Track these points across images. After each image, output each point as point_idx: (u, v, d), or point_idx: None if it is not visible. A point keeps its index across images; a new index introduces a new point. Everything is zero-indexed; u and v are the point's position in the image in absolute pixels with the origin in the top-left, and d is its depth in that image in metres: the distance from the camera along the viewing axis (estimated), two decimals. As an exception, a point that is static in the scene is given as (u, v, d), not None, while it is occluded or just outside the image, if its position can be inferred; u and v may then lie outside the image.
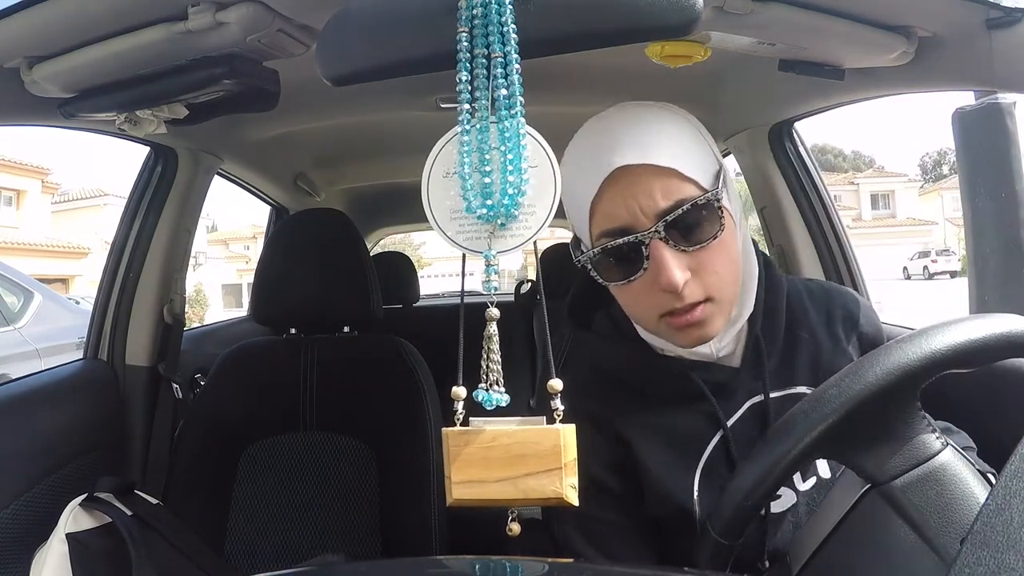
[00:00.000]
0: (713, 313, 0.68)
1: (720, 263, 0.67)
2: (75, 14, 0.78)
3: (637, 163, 0.65)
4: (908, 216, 30.99)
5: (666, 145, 0.66)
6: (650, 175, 0.65)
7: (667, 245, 0.65)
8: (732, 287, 0.69)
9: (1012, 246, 0.85)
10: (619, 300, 0.73)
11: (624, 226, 0.66)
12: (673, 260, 0.65)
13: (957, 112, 0.87)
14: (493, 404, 0.54)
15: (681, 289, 0.64)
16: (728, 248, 0.68)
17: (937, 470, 0.51)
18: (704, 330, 0.68)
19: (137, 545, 0.98)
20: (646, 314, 0.70)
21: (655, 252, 0.65)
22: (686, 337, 0.69)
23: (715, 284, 0.67)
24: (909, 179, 35.54)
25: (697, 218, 0.65)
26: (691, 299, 0.66)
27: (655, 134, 0.67)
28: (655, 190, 0.65)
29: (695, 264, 0.66)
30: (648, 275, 0.66)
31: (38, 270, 12.26)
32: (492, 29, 0.53)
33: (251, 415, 1.31)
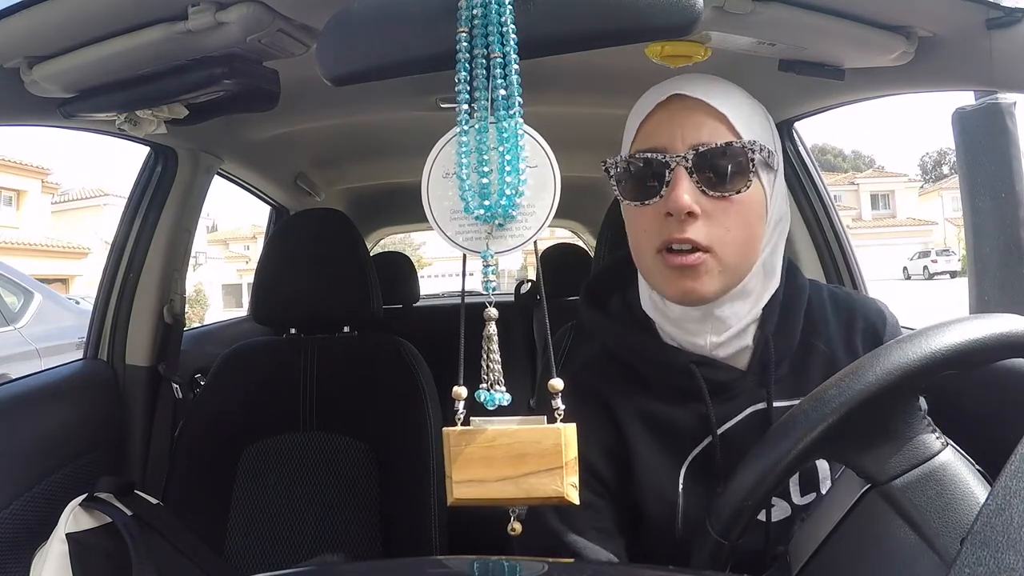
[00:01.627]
0: (709, 268, 0.66)
1: (734, 221, 0.66)
2: (75, 14, 0.78)
3: (693, 96, 0.67)
4: (908, 216, 31.00)
5: (728, 97, 0.68)
6: (703, 111, 0.67)
7: (689, 177, 0.65)
8: (738, 251, 0.67)
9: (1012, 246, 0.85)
10: (629, 235, 0.73)
11: (660, 146, 0.67)
12: (689, 189, 0.65)
13: (957, 112, 0.87)
14: (495, 404, 0.54)
15: (683, 218, 0.64)
16: (747, 212, 0.67)
17: (937, 470, 0.51)
18: (695, 283, 0.66)
19: (137, 545, 0.98)
20: (647, 245, 0.69)
21: (675, 176, 0.65)
22: (677, 284, 0.67)
23: (720, 237, 0.66)
24: (909, 179, 35.54)
25: (726, 164, 0.65)
26: (691, 235, 0.65)
27: (723, 86, 0.69)
28: (703, 125, 0.66)
29: (711, 211, 0.65)
30: (662, 201, 0.66)
31: (38, 270, 12.25)
32: (492, 29, 0.53)
33: (251, 415, 1.31)
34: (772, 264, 0.72)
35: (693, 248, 0.65)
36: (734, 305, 0.70)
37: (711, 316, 0.70)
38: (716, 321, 0.70)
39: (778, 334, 0.72)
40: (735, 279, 0.69)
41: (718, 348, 0.70)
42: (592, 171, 2.35)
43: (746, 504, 0.55)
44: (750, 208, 0.67)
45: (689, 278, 0.66)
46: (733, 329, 0.70)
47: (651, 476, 0.71)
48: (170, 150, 1.42)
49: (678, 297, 0.68)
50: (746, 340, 0.71)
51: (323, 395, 1.31)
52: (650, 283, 0.72)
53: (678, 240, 0.65)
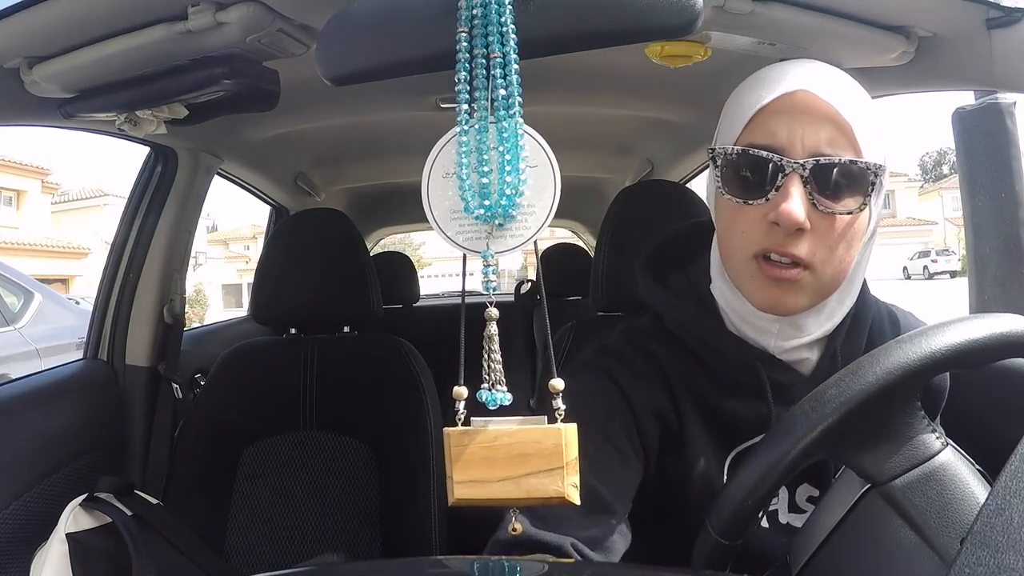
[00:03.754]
0: (805, 284, 0.64)
1: (839, 241, 0.63)
2: (75, 14, 0.78)
3: (823, 96, 0.62)
4: (908, 216, 31.01)
5: (859, 105, 0.63)
6: (827, 116, 0.62)
7: (803, 187, 0.61)
8: (835, 272, 0.64)
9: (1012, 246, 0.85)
10: (721, 228, 0.69)
11: (777, 146, 0.62)
12: (802, 200, 0.60)
13: (957, 112, 0.87)
14: (497, 403, 0.54)
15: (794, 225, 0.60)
16: (852, 233, 0.63)
17: (937, 470, 0.51)
18: (786, 296, 0.64)
19: (137, 545, 0.98)
20: (743, 248, 0.65)
21: (788, 184, 0.61)
22: (768, 293, 0.64)
23: (823, 256, 0.62)
24: (909, 179, 35.56)
25: (846, 181, 0.61)
26: (795, 250, 0.62)
27: (855, 90, 0.64)
28: (824, 130, 0.61)
29: (818, 226, 0.62)
30: (768, 204, 0.62)
31: (38, 270, 12.26)
32: (492, 29, 0.53)
33: (251, 415, 1.31)
34: (855, 280, 0.70)
35: (793, 262, 0.62)
36: (813, 317, 0.68)
37: (786, 323, 0.67)
38: (790, 328, 0.68)
39: (845, 346, 0.70)
40: (825, 295, 0.67)
41: (783, 353, 0.69)
42: (592, 171, 2.36)
43: (746, 504, 0.55)
44: (856, 228, 0.64)
45: (783, 291, 0.64)
46: (804, 339, 0.68)
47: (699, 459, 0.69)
48: (170, 150, 1.42)
49: (765, 307, 0.66)
50: (812, 351, 0.69)
51: (323, 395, 1.31)
52: (736, 283, 0.68)
53: (780, 252, 0.62)
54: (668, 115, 1.45)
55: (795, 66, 0.66)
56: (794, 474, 0.54)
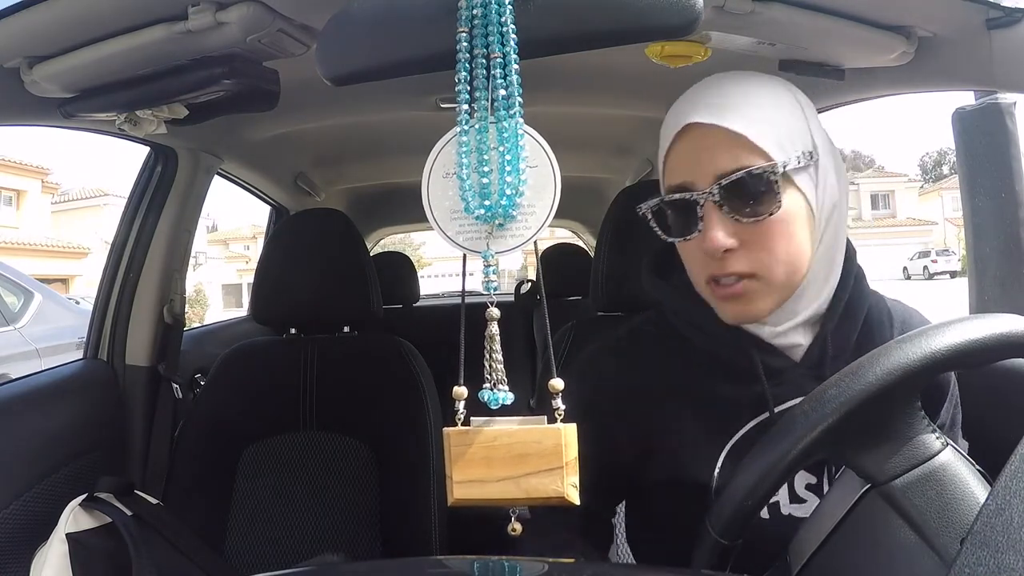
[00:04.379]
0: (757, 291, 0.67)
1: (775, 242, 0.65)
2: (75, 14, 0.78)
3: (707, 122, 0.65)
4: (908, 216, 31.01)
5: (745, 110, 0.65)
6: (719, 136, 0.65)
7: (719, 210, 0.64)
8: (785, 269, 0.67)
9: (1012, 246, 0.85)
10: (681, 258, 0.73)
11: (685, 183, 0.67)
12: (721, 225, 0.64)
13: (957, 112, 0.87)
14: (498, 403, 0.54)
15: (722, 255, 0.64)
16: (788, 229, 0.66)
17: (937, 470, 0.51)
18: (746, 307, 0.68)
19: (137, 545, 0.98)
20: (696, 277, 0.70)
21: (706, 214, 0.65)
22: (728, 310, 0.69)
23: (763, 262, 0.66)
24: (909, 179, 35.55)
25: (755, 188, 0.64)
26: (733, 268, 0.66)
27: (739, 97, 0.66)
28: (720, 152, 0.65)
29: (748, 236, 0.65)
30: (700, 235, 0.66)
31: (38, 270, 12.25)
32: (492, 29, 0.53)
33: (251, 415, 1.31)
34: (830, 257, 0.71)
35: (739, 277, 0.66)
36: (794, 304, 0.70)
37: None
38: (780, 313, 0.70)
39: (837, 332, 0.72)
40: (788, 291, 0.69)
41: (776, 337, 0.71)
42: (592, 171, 2.36)
43: (746, 504, 0.55)
44: (791, 221, 0.66)
45: (741, 304, 0.68)
46: (796, 320, 0.71)
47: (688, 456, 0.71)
48: (170, 150, 1.42)
49: (734, 321, 0.70)
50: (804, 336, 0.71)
51: (323, 395, 1.31)
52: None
53: (722, 275, 0.67)
54: (668, 115, 1.45)
55: (681, 101, 0.70)
56: (794, 474, 0.54)
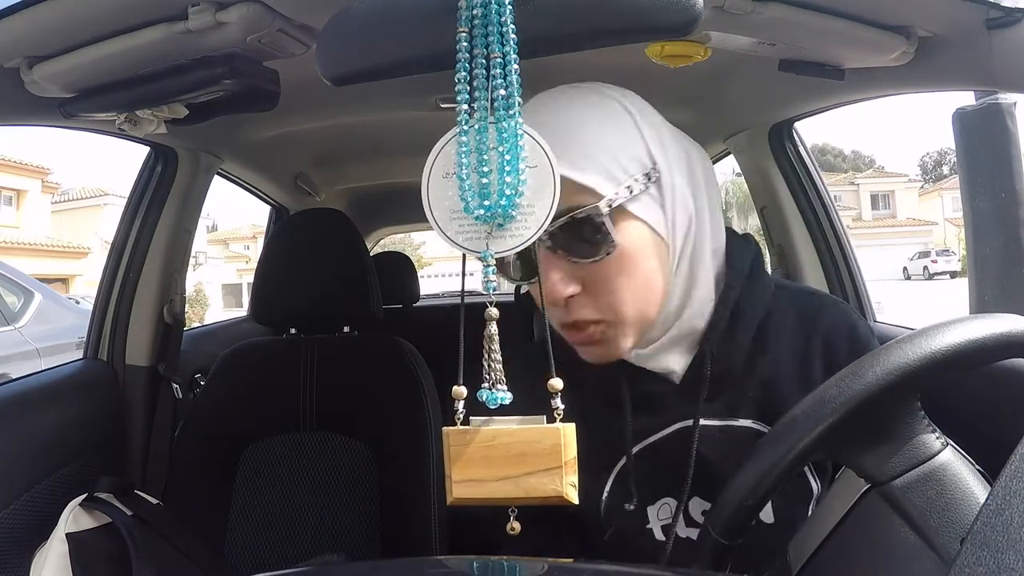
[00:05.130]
0: (613, 335, 0.63)
1: (618, 283, 0.61)
2: (75, 14, 0.78)
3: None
4: (908, 216, 31.01)
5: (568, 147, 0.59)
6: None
7: (554, 255, 0.60)
8: (636, 307, 0.62)
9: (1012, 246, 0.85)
10: None
11: None
12: (558, 272, 0.60)
13: (957, 112, 0.87)
14: (497, 403, 0.54)
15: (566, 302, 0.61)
16: (632, 265, 0.61)
17: (937, 470, 0.51)
18: (604, 350, 0.64)
19: (137, 545, 0.98)
20: (552, 321, 0.64)
21: (541, 260, 0.60)
22: (587, 354, 0.65)
23: (611, 304, 0.61)
24: (909, 179, 35.57)
25: (585, 231, 0.59)
26: (579, 316, 0.62)
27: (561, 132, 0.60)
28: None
29: (589, 279, 0.61)
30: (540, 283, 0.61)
31: (38, 270, 12.25)
32: (492, 29, 0.53)
33: (251, 415, 1.31)
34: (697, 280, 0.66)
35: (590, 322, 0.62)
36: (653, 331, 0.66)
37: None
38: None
39: (722, 347, 0.67)
40: (645, 327, 0.64)
41: (646, 362, 0.67)
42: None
43: (746, 504, 0.55)
44: (633, 256, 0.61)
45: (599, 348, 0.64)
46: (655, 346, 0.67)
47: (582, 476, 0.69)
48: (170, 150, 1.42)
49: (597, 362, 0.66)
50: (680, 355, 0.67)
51: (323, 395, 1.31)
52: None
53: (569, 324, 0.63)
54: (668, 115, 1.44)
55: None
56: (794, 474, 0.54)
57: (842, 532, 0.54)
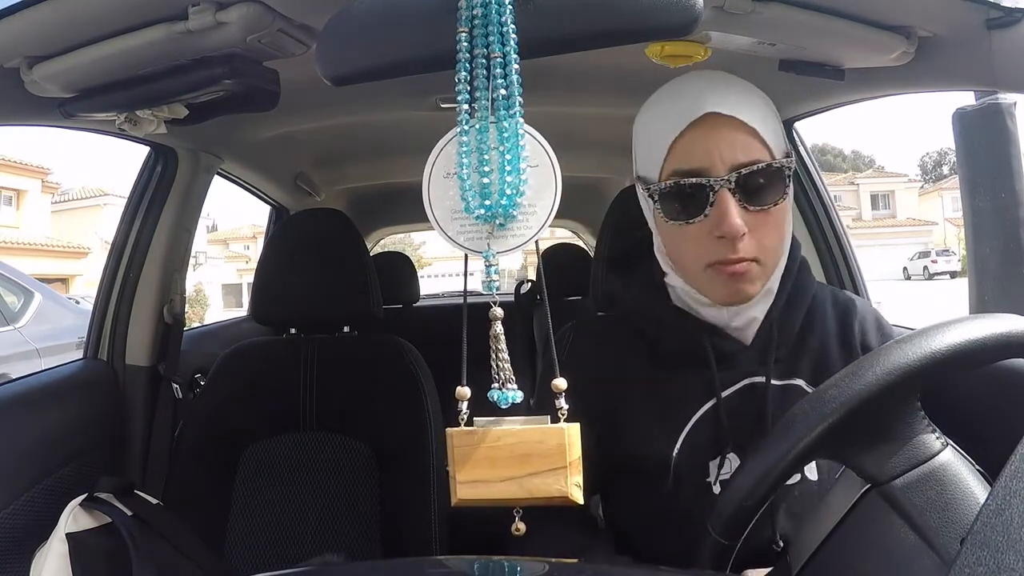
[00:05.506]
0: (757, 274, 0.72)
1: (773, 230, 0.72)
2: (75, 14, 0.78)
3: (727, 113, 0.69)
4: (908, 216, 31.01)
5: (754, 107, 0.71)
6: (735, 128, 0.69)
7: (733, 197, 0.69)
8: (778, 256, 0.74)
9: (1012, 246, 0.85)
10: (668, 246, 0.77)
11: (700, 168, 0.70)
12: (736, 211, 0.69)
13: (957, 112, 0.87)
14: (508, 402, 0.54)
15: (737, 235, 0.69)
16: (783, 219, 0.73)
17: (937, 470, 0.51)
18: (745, 286, 0.72)
19: (137, 545, 0.98)
20: (695, 261, 0.73)
21: (722, 200, 0.69)
22: (728, 289, 0.73)
23: (766, 247, 0.71)
24: (909, 179, 35.57)
25: (767, 180, 0.70)
26: (743, 253, 0.70)
27: (746, 94, 0.72)
28: (737, 143, 0.69)
29: (753, 224, 0.70)
30: (708, 221, 0.70)
31: (38, 270, 12.25)
32: (492, 29, 0.53)
33: (251, 415, 1.31)
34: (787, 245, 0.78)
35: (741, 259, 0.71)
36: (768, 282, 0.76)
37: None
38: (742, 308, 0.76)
39: (782, 320, 0.78)
40: (774, 272, 0.76)
41: (733, 319, 0.76)
42: (592, 171, 2.36)
43: (746, 504, 0.55)
44: (784, 214, 0.73)
45: (740, 283, 0.72)
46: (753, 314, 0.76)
47: (650, 438, 0.77)
48: (170, 150, 1.42)
49: (727, 299, 0.74)
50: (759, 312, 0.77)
51: (323, 395, 1.31)
52: (694, 287, 0.76)
53: (732, 260, 0.70)
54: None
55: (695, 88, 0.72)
56: (794, 474, 0.54)
57: (842, 532, 0.54)
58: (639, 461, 0.78)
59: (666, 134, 0.72)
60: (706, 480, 0.76)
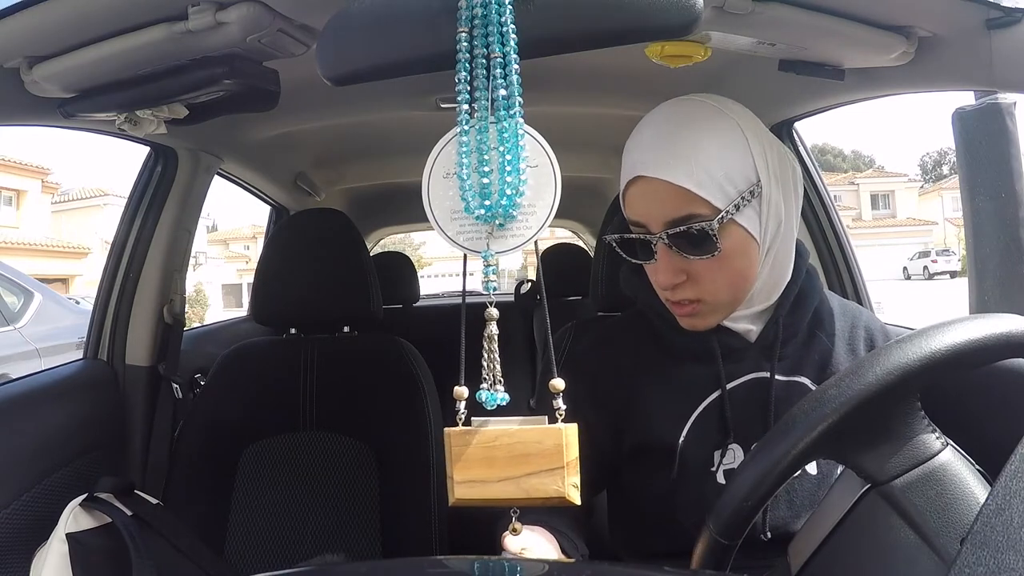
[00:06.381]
0: (705, 312, 0.77)
1: (717, 274, 0.75)
2: (75, 14, 0.78)
3: (655, 176, 0.72)
4: (908, 216, 30.99)
5: (690, 161, 0.71)
6: (665, 188, 0.72)
7: (670, 250, 0.74)
8: (730, 293, 0.77)
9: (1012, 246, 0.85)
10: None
11: (640, 221, 0.76)
12: (669, 264, 0.74)
13: (957, 112, 0.86)
14: (495, 403, 0.54)
15: (672, 288, 0.75)
16: (732, 260, 0.74)
17: (937, 470, 0.51)
18: (696, 321, 0.78)
19: (137, 545, 0.98)
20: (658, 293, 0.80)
21: (659, 253, 0.75)
22: (684, 323, 0.80)
23: (708, 290, 0.75)
24: (909, 179, 35.56)
25: (699, 235, 0.72)
26: (681, 296, 0.76)
27: (686, 147, 0.72)
28: (667, 201, 0.72)
29: (693, 270, 0.74)
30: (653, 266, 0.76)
31: (38, 270, 12.26)
32: (492, 29, 0.53)
33: (251, 415, 1.31)
34: (778, 269, 0.80)
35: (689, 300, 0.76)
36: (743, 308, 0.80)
37: None
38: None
39: (788, 317, 0.81)
40: (735, 306, 0.79)
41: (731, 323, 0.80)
42: (592, 171, 2.37)
43: (746, 504, 0.55)
44: (734, 255, 0.74)
45: (693, 319, 0.78)
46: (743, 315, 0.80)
47: (657, 424, 0.81)
48: (170, 150, 1.42)
49: (689, 328, 0.80)
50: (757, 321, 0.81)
51: (323, 395, 1.31)
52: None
53: (672, 301, 0.77)
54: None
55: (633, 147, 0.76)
56: (794, 474, 0.54)
57: (842, 532, 0.54)
58: (646, 448, 0.81)
59: (621, 186, 0.78)
60: (710, 469, 0.79)
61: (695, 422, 0.80)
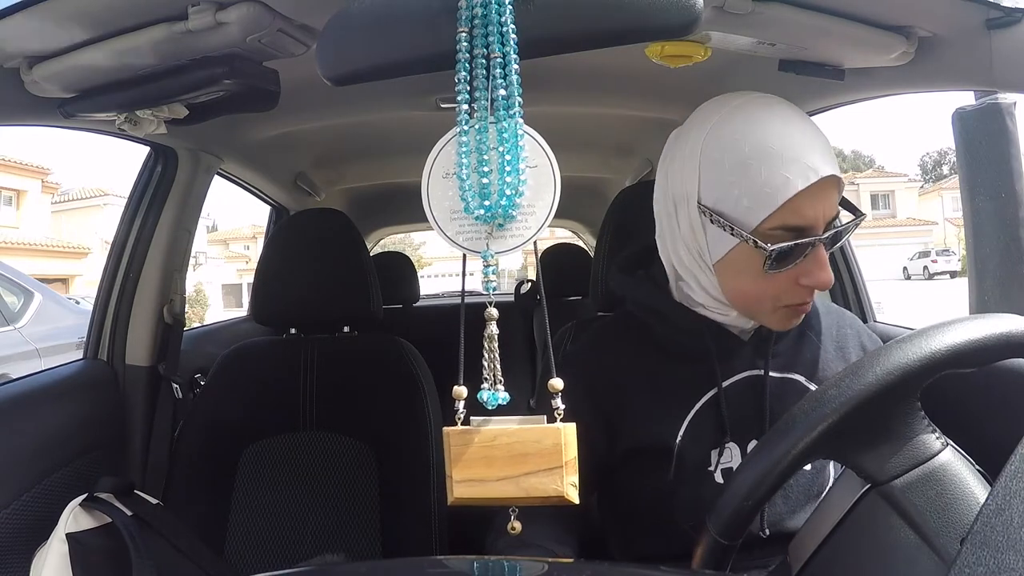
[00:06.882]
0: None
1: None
2: (75, 14, 0.78)
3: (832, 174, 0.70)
4: (908, 216, 30.97)
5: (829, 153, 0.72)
6: (833, 186, 0.71)
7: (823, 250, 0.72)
8: None
9: (1012, 246, 0.85)
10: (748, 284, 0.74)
11: (807, 226, 0.71)
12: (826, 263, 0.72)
13: (957, 112, 0.87)
14: (496, 403, 0.54)
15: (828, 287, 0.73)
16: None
17: (937, 470, 0.51)
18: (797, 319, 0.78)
19: (137, 545, 0.98)
20: (768, 300, 0.74)
21: (819, 254, 0.71)
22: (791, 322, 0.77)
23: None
24: (909, 179, 35.55)
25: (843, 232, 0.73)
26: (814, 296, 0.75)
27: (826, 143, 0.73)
28: (831, 198, 0.72)
29: None
30: (797, 270, 0.71)
31: (38, 270, 12.25)
32: (492, 29, 0.53)
33: (251, 415, 1.31)
34: None
35: None
36: None
37: None
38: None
39: None
40: None
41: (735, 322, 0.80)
42: (592, 171, 2.37)
43: (746, 504, 0.55)
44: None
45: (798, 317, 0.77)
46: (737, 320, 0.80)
47: (652, 426, 0.80)
48: (170, 150, 1.42)
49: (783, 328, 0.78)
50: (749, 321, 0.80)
51: (323, 395, 1.31)
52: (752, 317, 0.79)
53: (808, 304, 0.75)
54: (668, 115, 1.45)
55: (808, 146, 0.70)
56: (794, 474, 0.54)
57: (842, 532, 0.54)
58: (642, 449, 0.81)
59: (781, 190, 0.68)
60: (708, 469, 0.79)
61: (691, 421, 0.79)
